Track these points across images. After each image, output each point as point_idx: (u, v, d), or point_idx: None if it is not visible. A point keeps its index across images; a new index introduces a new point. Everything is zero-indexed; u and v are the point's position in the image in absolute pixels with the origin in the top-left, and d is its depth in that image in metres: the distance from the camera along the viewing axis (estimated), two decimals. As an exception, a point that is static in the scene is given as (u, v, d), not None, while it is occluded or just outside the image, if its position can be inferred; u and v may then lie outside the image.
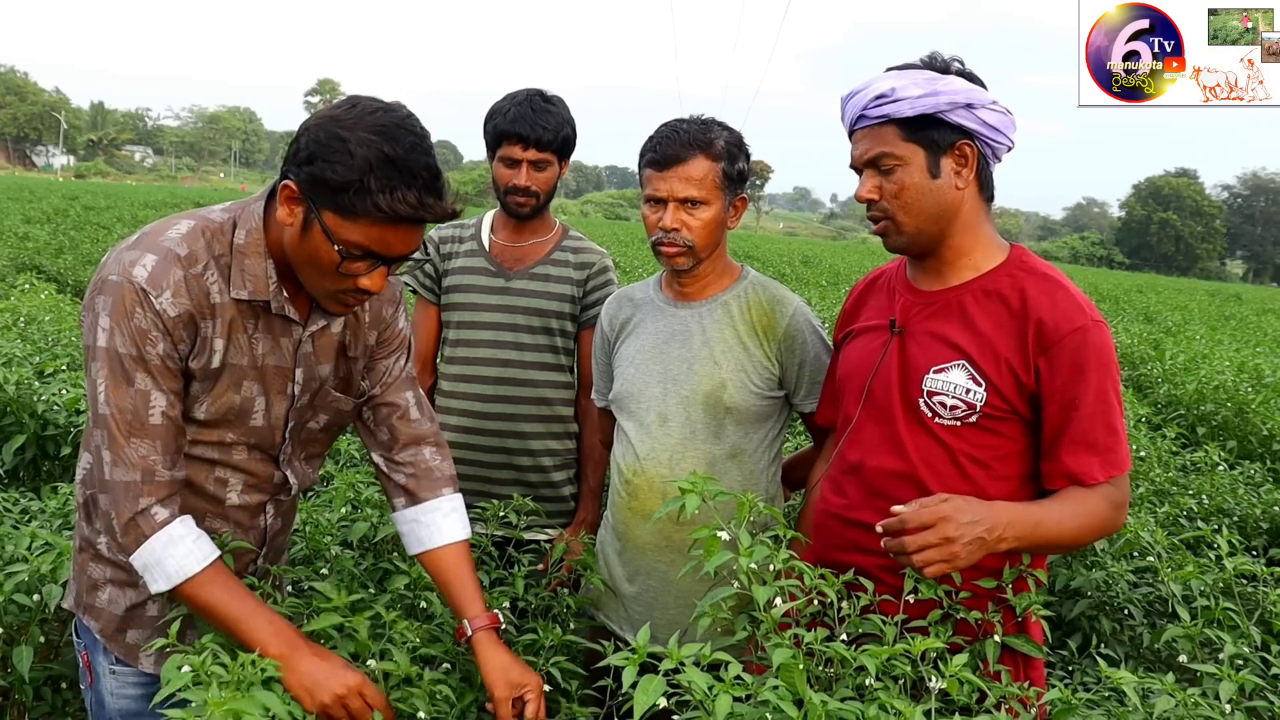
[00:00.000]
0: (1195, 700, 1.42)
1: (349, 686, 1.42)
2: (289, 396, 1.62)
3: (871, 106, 1.68)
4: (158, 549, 1.45)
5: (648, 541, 2.04)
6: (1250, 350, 9.92)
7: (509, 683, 1.58)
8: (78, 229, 15.72)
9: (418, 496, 1.75)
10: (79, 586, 1.65)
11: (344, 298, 1.51)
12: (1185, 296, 25.28)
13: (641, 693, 1.21)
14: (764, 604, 1.38)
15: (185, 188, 62.28)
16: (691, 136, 1.97)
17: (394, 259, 1.47)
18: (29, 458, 3.26)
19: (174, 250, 1.47)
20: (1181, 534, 2.78)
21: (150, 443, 1.45)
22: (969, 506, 1.50)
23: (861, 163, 1.73)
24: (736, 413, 2.02)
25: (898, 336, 1.76)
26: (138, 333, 1.43)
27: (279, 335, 1.58)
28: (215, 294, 1.50)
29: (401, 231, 1.43)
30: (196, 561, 1.45)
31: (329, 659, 1.45)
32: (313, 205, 1.42)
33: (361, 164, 1.38)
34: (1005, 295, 1.68)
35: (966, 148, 1.68)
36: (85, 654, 1.66)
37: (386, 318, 1.74)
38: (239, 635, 1.44)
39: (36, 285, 6.80)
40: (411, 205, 1.40)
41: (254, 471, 1.64)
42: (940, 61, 1.71)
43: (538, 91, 2.48)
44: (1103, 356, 1.62)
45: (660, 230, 1.98)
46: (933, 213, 1.70)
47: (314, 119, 1.45)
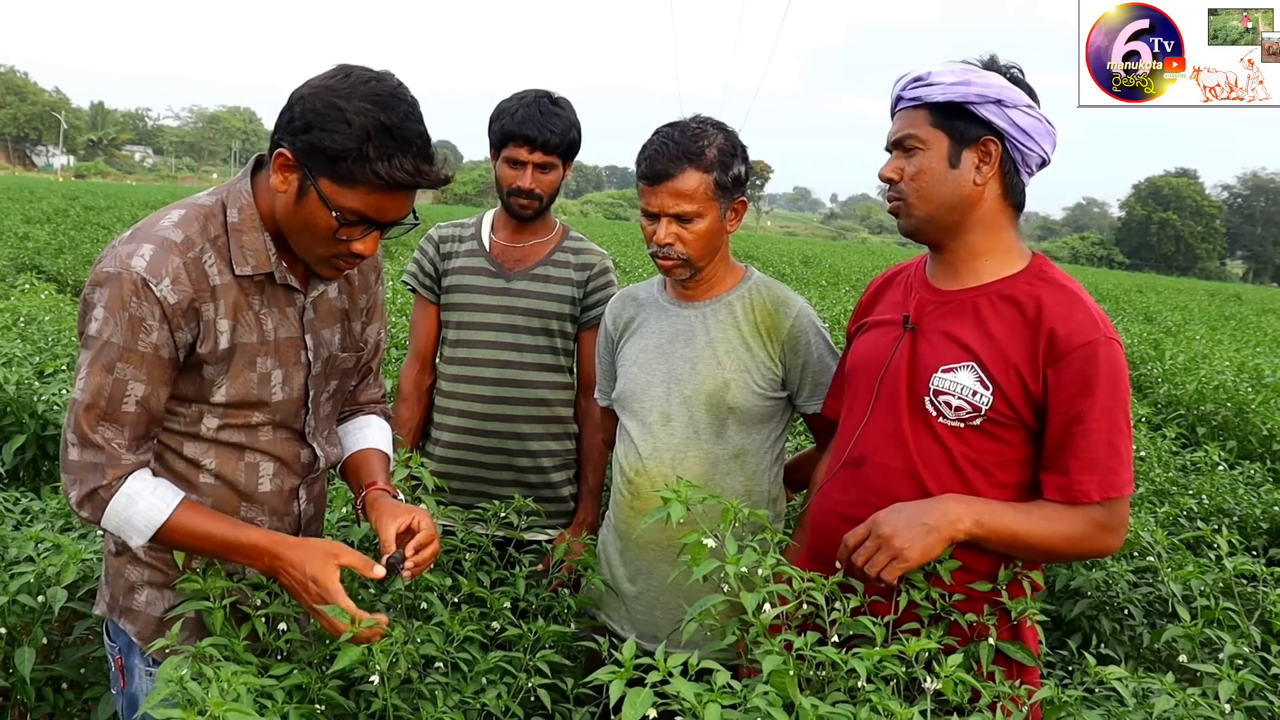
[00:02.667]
0: (1195, 700, 1.42)
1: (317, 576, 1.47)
2: (305, 365, 1.65)
3: (909, 88, 1.71)
4: (120, 511, 1.48)
5: (650, 541, 2.04)
6: (1250, 350, 9.93)
7: (391, 511, 1.62)
8: (78, 229, 15.72)
9: (348, 420, 1.85)
10: (113, 590, 1.65)
11: (337, 262, 1.55)
12: (1185, 296, 25.27)
13: (629, 707, 1.19)
14: (753, 610, 1.38)
15: (185, 188, 62.23)
16: (682, 149, 1.94)
17: (388, 224, 1.52)
18: (29, 458, 3.27)
19: (170, 238, 1.49)
20: (1181, 534, 2.78)
21: (118, 428, 1.48)
22: (898, 506, 1.61)
23: (890, 142, 1.75)
24: (739, 413, 2.02)
25: (910, 333, 1.75)
26: (132, 321, 1.45)
27: (284, 306, 1.62)
28: (215, 276, 1.52)
29: (397, 198, 1.48)
30: (160, 511, 1.49)
31: (309, 553, 1.49)
32: (308, 173, 1.45)
33: (359, 132, 1.41)
34: (1021, 302, 1.67)
35: (991, 144, 1.68)
36: (119, 657, 1.66)
37: (371, 284, 1.79)
38: (228, 558, 1.53)
39: (36, 285, 6.80)
40: (409, 172, 1.44)
41: (282, 455, 1.66)
42: (997, 65, 1.72)
43: (545, 93, 2.46)
44: (1113, 374, 1.60)
45: (656, 244, 1.98)
46: (946, 202, 1.70)
47: (307, 87, 1.47)
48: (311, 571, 1.47)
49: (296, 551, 1.49)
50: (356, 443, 1.81)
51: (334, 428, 1.82)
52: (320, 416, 1.73)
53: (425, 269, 2.59)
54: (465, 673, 1.64)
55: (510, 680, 1.67)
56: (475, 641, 1.71)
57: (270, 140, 1.52)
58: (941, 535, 1.55)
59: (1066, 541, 1.61)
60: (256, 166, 1.60)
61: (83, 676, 2.16)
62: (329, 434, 1.78)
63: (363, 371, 1.85)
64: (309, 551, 1.49)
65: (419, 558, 1.57)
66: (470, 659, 1.66)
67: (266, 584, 1.59)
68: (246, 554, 1.51)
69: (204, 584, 1.51)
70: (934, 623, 1.57)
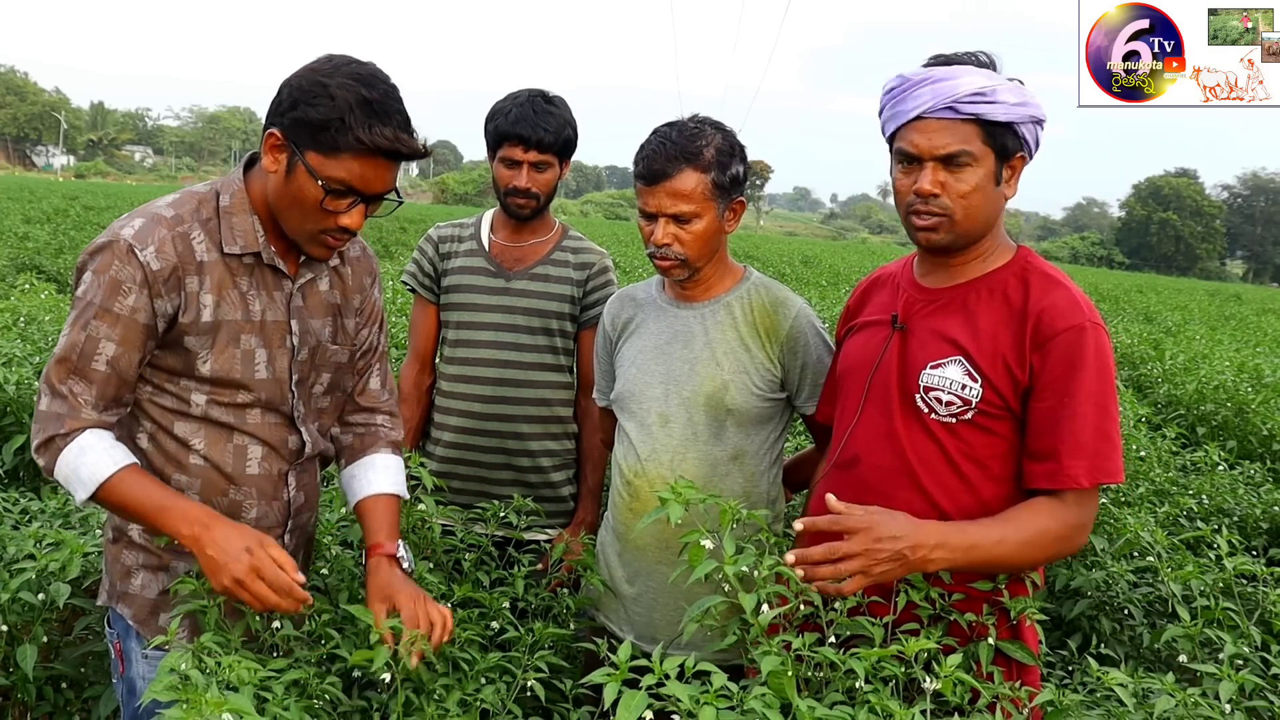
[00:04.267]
0: (1195, 700, 1.42)
1: (252, 547, 1.48)
2: (289, 349, 1.70)
3: (966, 101, 1.62)
4: (71, 459, 1.53)
5: (648, 543, 2.04)
6: (1250, 350, 9.92)
7: (383, 592, 1.62)
8: (78, 229, 15.72)
9: (359, 454, 1.85)
10: (111, 577, 1.71)
11: (326, 238, 1.61)
12: (1185, 296, 25.26)
13: (624, 709, 1.19)
14: (751, 611, 1.38)
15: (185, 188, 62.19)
16: (679, 149, 1.93)
17: (373, 197, 1.59)
18: (29, 458, 3.27)
19: (160, 213, 1.60)
20: (1181, 534, 2.78)
21: (86, 384, 1.55)
22: (894, 519, 1.50)
23: (934, 155, 1.65)
24: (738, 414, 2.02)
25: (899, 332, 1.76)
26: (111, 283, 1.54)
27: (272, 291, 1.68)
28: (202, 253, 1.60)
29: (380, 167, 1.55)
30: (108, 466, 1.53)
31: (240, 529, 1.51)
32: (296, 148, 1.54)
33: (342, 104, 1.50)
34: (1008, 292, 1.68)
35: (1020, 161, 1.70)
36: (118, 643, 1.71)
37: (366, 286, 1.85)
38: (157, 526, 1.53)
39: (36, 285, 6.79)
40: (389, 139, 1.52)
41: (270, 439, 1.70)
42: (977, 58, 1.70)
43: (539, 92, 2.47)
44: (1099, 359, 1.60)
45: (653, 245, 1.98)
46: (987, 218, 1.70)
47: (294, 74, 1.57)
48: (246, 542, 1.48)
49: (229, 528, 1.51)
50: (360, 490, 1.81)
51: (333, 423, 1.85)
52: (311, 405, 1.76)
53: (424, 269, 2.59)
54: (465, 672, 1.64)
55: (509, 679, 1.68)
56: (474, 643, 1.71)
57: (262, 130, 1.59)
58: (908, 568, 1.50)
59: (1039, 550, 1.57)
60: (250, 163, 1.69)
61: (83, 675, 2.17)
62: (321, 424, 1.81)
63: (360, 372, 1.87)
64: (243, 530, 1.52)
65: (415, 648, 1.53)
66: (470, 659, 1.66)
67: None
68: (176, 518, 1.50)
69: (198, 585, 1.51)
70: (933, 623, 1.57)
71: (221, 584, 1.47)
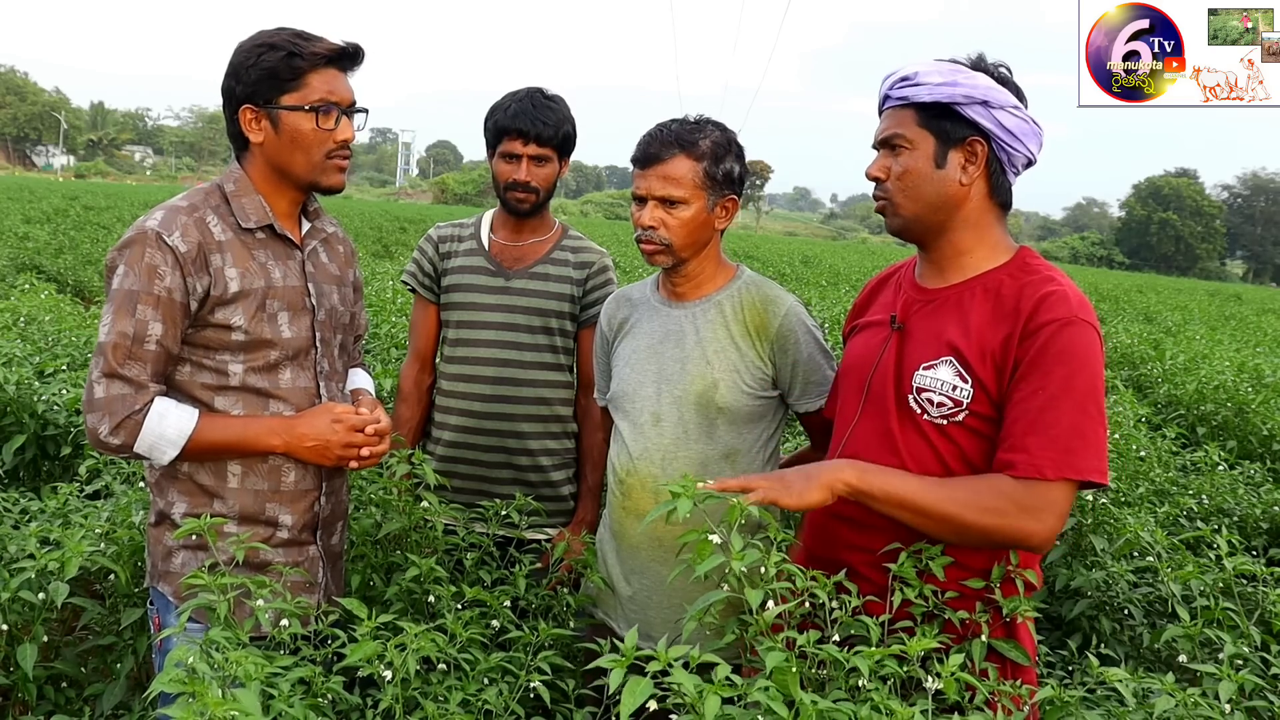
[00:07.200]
0: (1195, 700, 1.42)
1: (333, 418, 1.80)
2: (309, 310, 1.89)
3: (896, 88, 1.72)
4: (154, 426, 1.71)
5: (641, 542, 2.04)
6: (1250, 350, 9.92)
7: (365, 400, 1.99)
8: (78, 229, 15.72)
9: None
10: (154, 558, 1.85)
11: (335, 161, 1.83)
12: (1185, 296, 25.27)
13: (629, 694, 1.20)
14: (757, 607, 1.37)
15: (185, 188, 62.05)
16: (675, 136, 1.97)
17: (349, 109, 1.83)
18: (29, 458, 3.27)
19: (177, 204, 1.80)
20: (1181, 534, 2.78)
21: (142, 365, 1.72)
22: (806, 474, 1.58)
23: (877, 141, 1.76)
24: (729, 413, 2.02)
25: (897, 333, 1.76)
26: (148, 269, 1.71)
27: (286, 260, 1.87)
28: (219, 233, 1.79)
29: (337, 78, 1.82)
30: (188, 419, 1.73)
31: (311, 413, 1.82)
32: (268, 104, 1.77)
33: (280, 44, 1.76)
34: (1002, 293, 1.66)
35: (977, 145, 1.68)
36: (158, 617, 1.86)
37: (352, 260, 2.07)
38: (250, 450, 1.78)
39: (36, 285, 6.79)
40: (328, 47, 1.79)
41: (300, 403, 1.86)
42: (984, 64, 1.71)
43: (538, 89, 2.49)
44: (1084, 356, 1.55)
45: (640, 227, 1.99)
46: (931, 202, 1.70)
47: (225, 69, 1.80)
48: (326, 418, 1.80)
49: (304, 420, 1.80)
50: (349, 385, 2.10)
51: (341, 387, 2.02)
52: (331, 364, 1.94)
53: (424, 268, 2.59)
54: (467, 672, 1.64)
55: (511, 680, 1.68)
56: (476, 642, 1.72)
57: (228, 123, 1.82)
58: (821, 485, 1.54)
59: (972, 511, 1.52)
60: (239, 155, 1.89)
61: (83, 675, 2.17)
62: (339, 384, 1.99)
63: (356, 334, 2.11)
64: (312, 414, 1.81)
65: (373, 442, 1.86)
66: (472, 659, 1.66)
67: (270, 584, 1.59)
68: (263, 435, 1.77)
69: (209, 580, 1.51)
70: (927, 620, 1.57)
71: (333, 460, 1.81)
